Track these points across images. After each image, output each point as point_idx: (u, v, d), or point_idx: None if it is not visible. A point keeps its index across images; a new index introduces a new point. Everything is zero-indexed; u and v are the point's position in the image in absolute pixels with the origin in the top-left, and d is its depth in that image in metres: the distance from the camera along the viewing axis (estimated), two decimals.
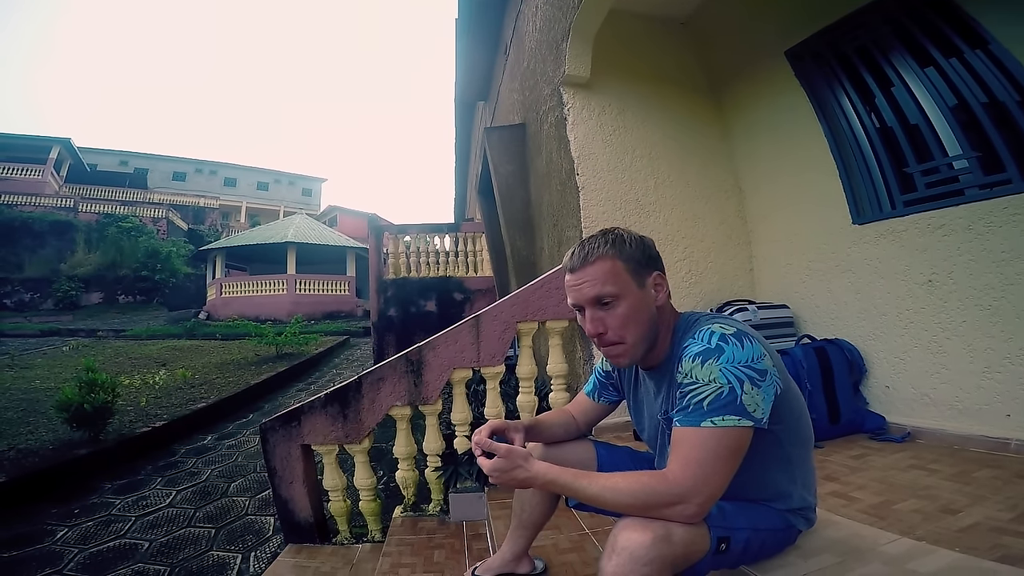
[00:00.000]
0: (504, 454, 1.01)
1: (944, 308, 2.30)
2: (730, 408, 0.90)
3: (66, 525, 3.25)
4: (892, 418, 2.49)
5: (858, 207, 2.73)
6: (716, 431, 0.90)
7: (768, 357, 0.96)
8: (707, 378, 0.92)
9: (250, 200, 33.82)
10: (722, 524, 0.98)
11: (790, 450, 1.06)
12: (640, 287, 1.04)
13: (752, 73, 3.30)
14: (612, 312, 1.03)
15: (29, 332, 13.15)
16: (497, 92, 6.57)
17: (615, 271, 1.02)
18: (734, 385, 0.91)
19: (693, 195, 3.37)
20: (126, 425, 5.06)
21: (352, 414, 2.52)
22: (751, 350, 0.94)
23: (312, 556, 2.42)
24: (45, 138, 24.04)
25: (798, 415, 1.07)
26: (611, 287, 1.02)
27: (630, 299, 1.03)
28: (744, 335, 0.96)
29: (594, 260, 1.03)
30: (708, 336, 0.96)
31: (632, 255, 1.04)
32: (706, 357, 0.94)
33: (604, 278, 1.02)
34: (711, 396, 0.91)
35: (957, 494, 1.68)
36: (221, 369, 8.43)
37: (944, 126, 2.34)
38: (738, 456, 0.92)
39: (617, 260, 1.03)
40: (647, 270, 1.06)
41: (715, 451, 0.90)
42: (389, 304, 7.77)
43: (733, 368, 0.91)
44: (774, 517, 1.08)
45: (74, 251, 19.32)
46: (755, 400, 0.91)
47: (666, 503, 0.90)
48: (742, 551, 1.02)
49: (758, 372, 0.92)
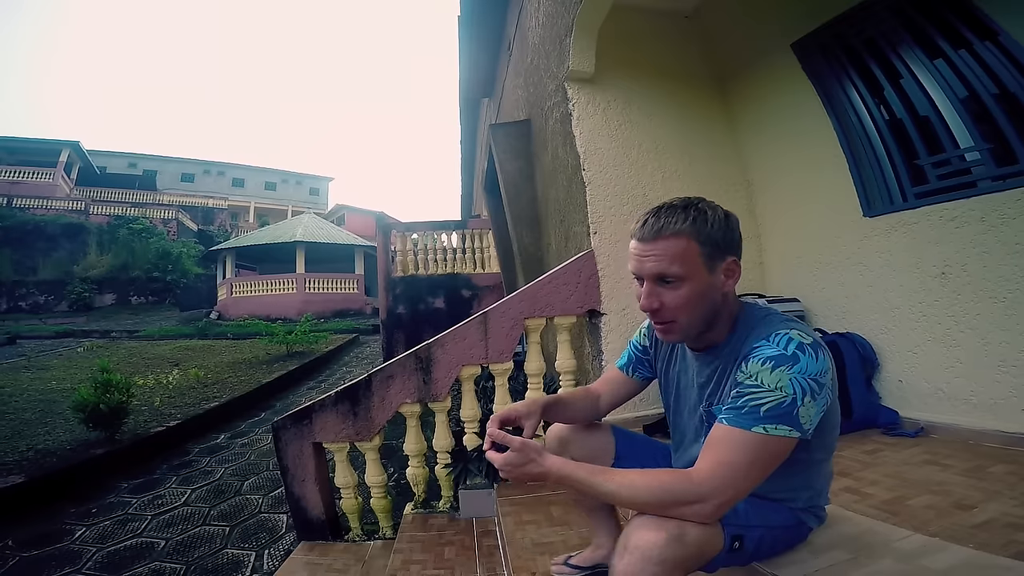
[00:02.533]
0: (518, 447, 0.97)
1: (958, 301, 2.27)
2: (786, 418, 0.88)
3: (84, 524, 3.31)
4: (905, 412, 2.47)
5: (869, 200, 2.70)
6: (764, 438, 0.88)
7: (831, 372, 0.93)
8: (774, 384, 0.89)
9: (258, 200, 34.08)
10: (736, 523, 0.97)
11: (815, 455, 1.05)
12: (710, 272, 0.96)
13: (758, 66, 3.26)
14: (673, 292, 0.96)
15: (45, 334, 13.37)
16: (501, 89, 6.55)
17: (687, 252, 0.94)
18: (797, 396, 0.88)
19: (701, 189, 3.29)
20: (141, 425, 5.14)
21: (362, 412, 2.54)
22: (823, 364, 0.91)
23: (324, 553, 2.45)
24: (55, 141, 24.35)
25: (832, 426, 1.06)
26: (677, 268, 0.94)
27: (695, 283, 0.95)
28: (819, 347, 0.92)
29: (667, 235, 0.94)
30: (786, 342, 0.92)
31: (711, 237, 0.95)
32: (779, 363, 0.90)
33: (672, 257, 0.94)
34: (772, 403, 0.89)
35: (971, 490, 1.66)
36: (233, 368, 8.53)
37: (955, 118, 2.30)
38: (774, 465, 0.91)
39: (693, 240, 0.94)
40: (723, 255, 0.97)
41: (754, 457, 0.89)
42: (398, 302, 7.80)
43: (802, 379, 0.89)
44: (786, 514, 1.08)
45: (87, 253, 19.61)
46: (808, 413, 0.89)
47: (685, 502, 0.88)
48: (755, 549, 1.02)
49: (820, 386, 0.90)
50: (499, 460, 0.98)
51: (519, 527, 1.90)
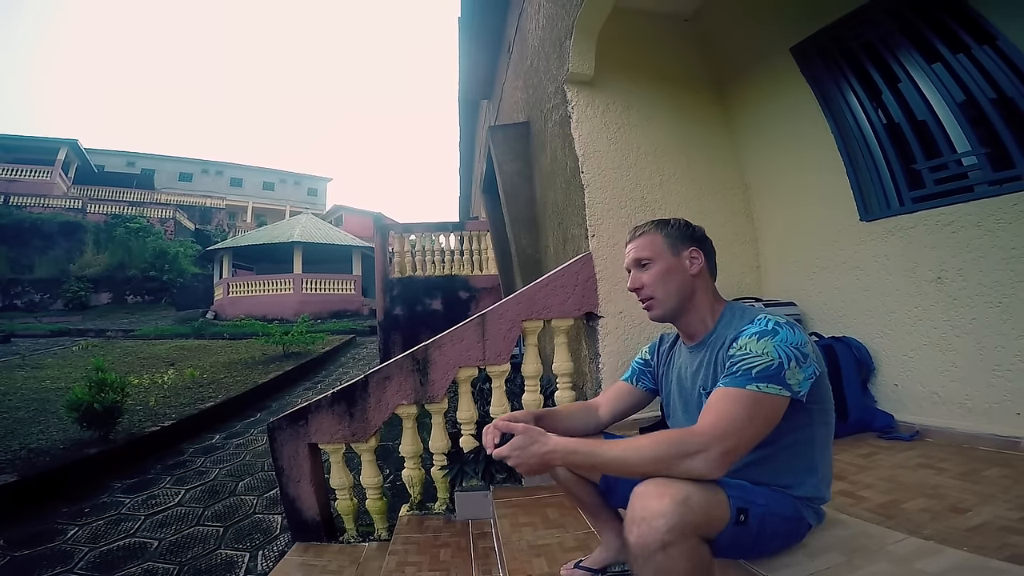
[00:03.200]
0: (523, 431, 1.06)
1: (953, 305, 2.28)
2: (775, 379, 1.02)
3: (77, 524, 3.29)
4: (901, 416, 2.48)
5: (866, 204, 2.71)
6: (757, 395, 1.01)
7: (811, 345, 1.10)
8: (761, 351, 1.04)
9: (256, 200, 34.02)
10: (741, 496, 1.04)
11: (817, 431, 1.14)
12: (674, 255, 1.26)
13: (757, 70, 3.28)
14: (647, 272, 1.26)
15: (40, 332, 13.30)
16: (500, 90, 6.56)
17: (654, 242, 1.28)
18: (783, 360, 1.03)
19: (699, 192, 3.35)
20: (135, 424, 5.11)
21: (359, 413, 2.53)
22: (800, 336, 1.08)
23: (319, 554, 2.44)
24: (52, 139, 24.28)
25: (828, 400, 1.17)
26: (648, 252, 1.27)
27: (662, 263, 1.25)
28: (794, 325, 1.11)
29: (640, 235, 1.31)
30: (766, 322, 1.10)
31: (671, 232, 1.28)
32: (763, 335, 1.07)
33: (644, 246, 1.28)
34: (761, 365, 1.03)
35: (966, 493, 1.66)
36: (229, 368, 8.50)
37: (952, 122, 2.31)
38: (768, 424, 1.02)
39: (657, 234, 1.28)
40: (684, 244, 1.27)
41: (750, 411, 1.00)
42: (395, 303, 7.79)
43: (785, 347, 1.04)
44: (788, 503, 1.12)
45: (83, 252, 19.53)
46: (796, 376, 1.03)
47: (689, 453, 0.95)
48: (759, 528, 1.05)
49: (803, 354, 1.05)
50: (505, 448, 1.07)
51: (515, 529, 1.89)
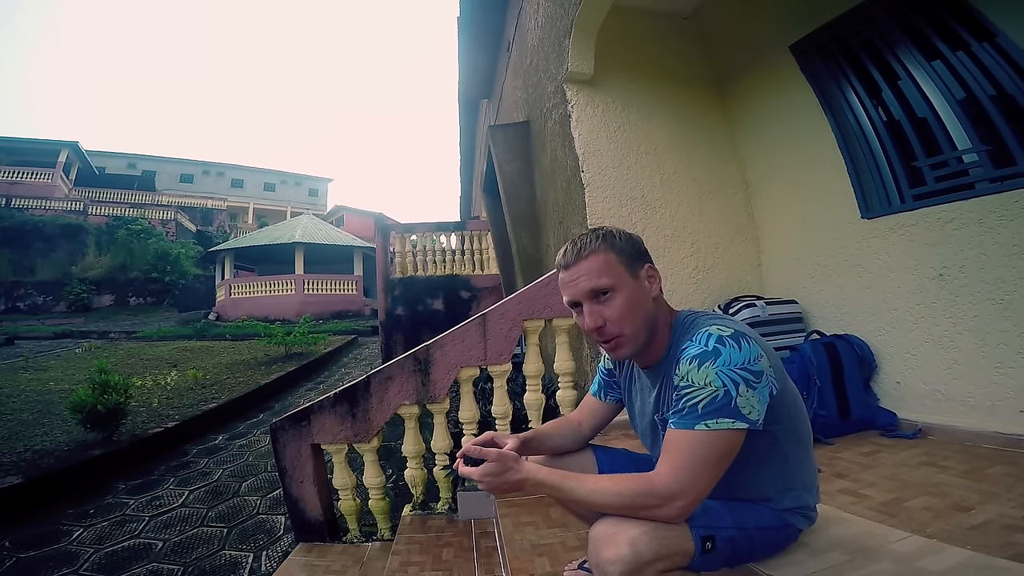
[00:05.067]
0: (495, 458, 1.00)
1: (955, 303, 2.28)
2: (724, 411, 0.91)
3: (82, 525, 3.30)
4: (903, 414, 2.47)
5: (867, 201, 2.71)
6: (708, 434, 0.91)
7: (765, 358, 0.96)
8: (703, 381, 0.93)
9: (257, 201, 34.05)
10: (704, 524, 0.98)
11: (787, 449, 1.06)
12: (634, 278, 1.05)
13: (757, 68, 3.27)
14: (610, 304, 1.03)
15: (43, 334, 13.34)
16: (500, 90, 6.56)
17: (608, 263, 1.04)
18: (729, 388, 0.91)
19: (700, 191, 3.35)
20: (139, 426, 5.12)
21: (361, 413, 2.53)
22: (748, 352, 0.94)
23: (322, 555, 2.45)
24: (53, 142, 24.32)
25: (795, 415, 1.07)
26: (607, 279, 1.03)
27: (626, 290, 1.04)
28: (741, 336, 0.96)
29: (587, 255, 1.04)
30: (706, 338, 0.96)
31: (623, 248, 1.06)
32: (703, 360, 0.94)
33: (599, 270, 1.03)
34: (706, 399, 0.92)
35: (969, 491, 1.66)
36: (231, 369, 8.51)
37: (952, 119, 2.31)
38: (727, 459, 0.94)
39: (610, 253, 1.04)
40: (639, 262, 1.08)
41: (704, 454, 0.91)
42: (396, 303, 7.80)
43: (728, 371, 0.92)
44: (767, 516, 1.08)
45: (85, 254, 19.57)
46: (750, 402, 0.92)
47: (651, 505, 0.92)
48: (731, 551, 1.02)
49: (753, 374, 0.93)
50: (476, 472, 1.01)
51: (518, 528, 1.89)
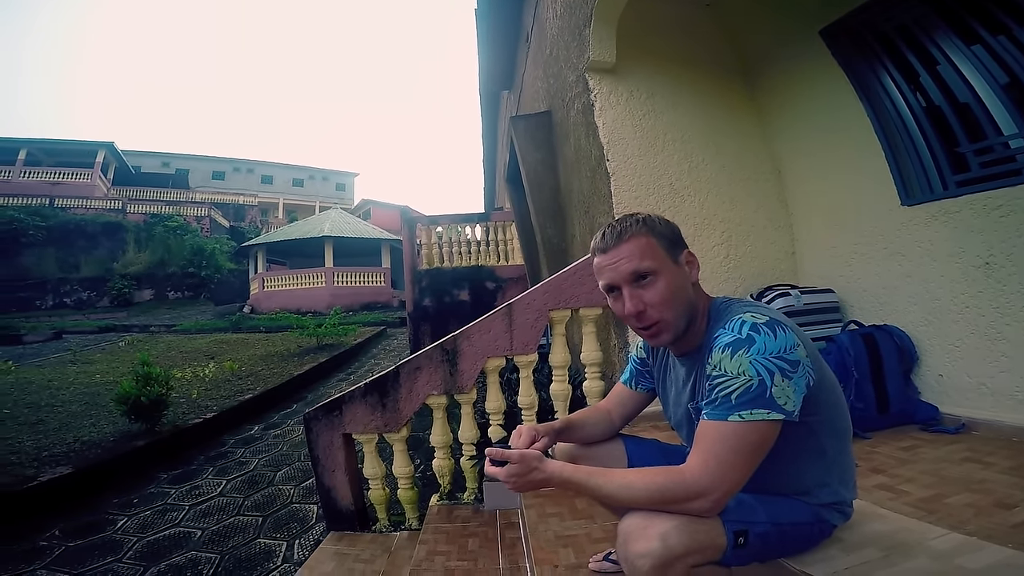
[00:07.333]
0: (517, 459, 1.00)
1: (1003, 292, 2.17)
2: (759, 402, 0.88)
3: (126, 514, 3.45)
4: (945, 408, 2.37)
5: (907, 188, 2.59)
6: (742, 425, 0.89)
7: (801, 347, 0.93)
8: (736, 370, 0.90)
9: (286, 196, 34.87)
10: (738, 518, 0.97)
11: (824, 442, 1.03)
12: (675, 263, 1.03)
13: (785, 53, 3.16)
14: (652, 288, 1.00)
15: (88, 329, 14.02)
16: (521, 81, 6.51)
17: (651, 246, 1.01)
18: (764, 377, 0.88)
19: (729, 178, 3.27)
20: (179, 417, 5.33)
21: (391, 403, 2.58)
22: (783, 340, 0.91)
23: (353, 543, 2.51)
24: (91, 143, 25.29)
25: (833, 405, 1.03)
26: (649, 262, 1.00)
27: (668, 274, 1.01)
28: (777, 324, 0.93)
29: (628, 238, 1.01)
30: (739, 326, 0.93)
31: (663, 232, 1.04)
32: (736, 348, 0.91)
33: (642, 253, 1.00)
34: (740, 389, 0.89)
35: (1013, 488, 1.59)
36: (266, 361, 8.76)
37: (997, 105, 2.18)
38: (762, 451, 0.91)
39: (651, 236, 1.02)
40: (678, 247, 1.05)
41: (738, 446, 0.89)
42: (424, 294, 7.90)
43: (764, 360, 0.89)
44: (801, 511, 1.05)
45: (125, 251, 20.43)
46: (786, 392, 0.89)
47: (681, 499, 0.90)
48: (763, 545, 1.00)
49: (790, 363, 0.90)
50: (502, 473, 1.01)
51: (542, 519, 1.91)
